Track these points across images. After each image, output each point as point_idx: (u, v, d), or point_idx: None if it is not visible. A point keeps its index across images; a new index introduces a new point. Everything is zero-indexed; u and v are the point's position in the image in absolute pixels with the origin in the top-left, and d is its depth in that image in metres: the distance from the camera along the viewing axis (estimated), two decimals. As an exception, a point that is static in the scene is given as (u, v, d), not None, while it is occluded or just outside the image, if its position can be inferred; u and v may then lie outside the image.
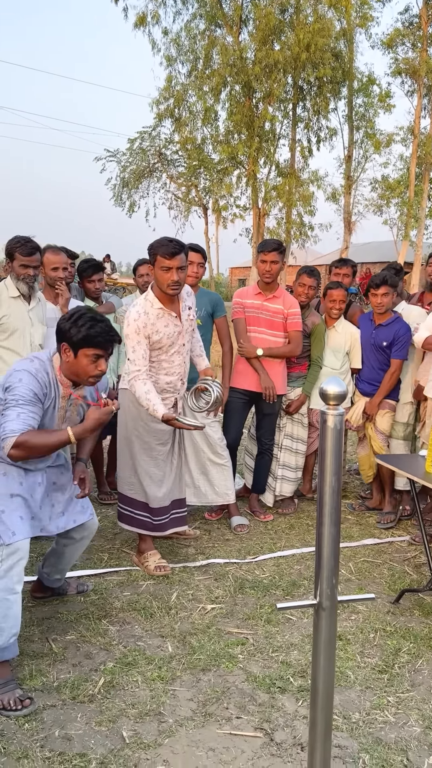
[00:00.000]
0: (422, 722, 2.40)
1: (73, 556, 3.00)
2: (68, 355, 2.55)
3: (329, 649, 1.96)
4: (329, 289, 4.60)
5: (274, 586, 3.45)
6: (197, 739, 2.26)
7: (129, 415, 3.49)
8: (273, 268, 4.22)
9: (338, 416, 1.87)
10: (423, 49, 22.53)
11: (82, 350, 2.52)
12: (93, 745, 2.21)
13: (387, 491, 4.50)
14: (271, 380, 4.24)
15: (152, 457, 3.53)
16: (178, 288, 3.30)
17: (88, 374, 2.57)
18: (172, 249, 3.21)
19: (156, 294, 3.36)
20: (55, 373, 2.61)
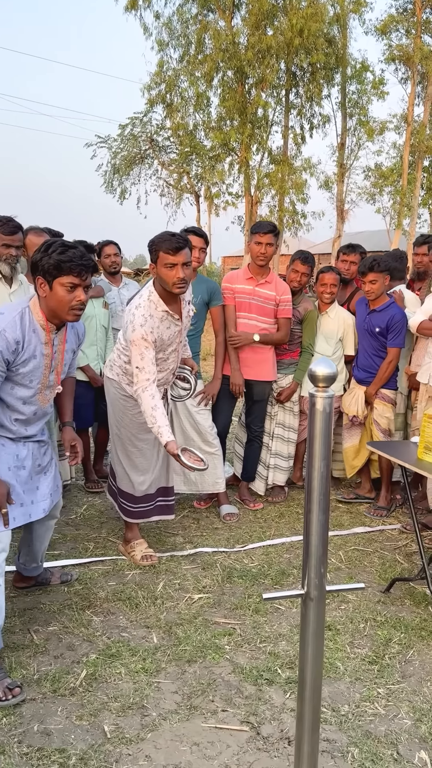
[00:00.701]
0: (413, 714, 2.34)
1: (44, 539, 2.92)
2: (44, 290, 2.42)
3: (317, 641, 1.89)
4: (321, 273, 4.50)
5: (262, 575, 3.38)
6: (181, 733, 2.19)
7: (115, 407, 3.40)
8: (268, 251, 4.12)
9: (327, 399, 1.78)
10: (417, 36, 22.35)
11: (56, 280, 2.40)
12: (73, 740, 2.14)
13: (384, 486, 4.41)
14: (241, 377, 4.17)
15: (138, 447, 3.43)
16: (184, 286, 3.08)
17: (66, 306, 2.43)
18: (176, 244, 3.00)
19: (159, 293, 3.14)
20: (35, 319, 2.47)
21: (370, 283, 4.12)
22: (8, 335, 2.37)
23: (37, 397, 2.58)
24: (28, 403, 2.56)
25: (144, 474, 3.47)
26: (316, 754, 1.96)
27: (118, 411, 3.39)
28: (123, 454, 3.44)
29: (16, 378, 2.47)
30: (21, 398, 2.53)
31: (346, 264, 4.69)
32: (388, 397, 4.26)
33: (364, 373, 4.33)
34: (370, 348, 4.28)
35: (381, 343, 4.20)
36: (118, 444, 3.45)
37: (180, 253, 3.02)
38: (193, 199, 24.73)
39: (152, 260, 3.11)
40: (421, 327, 3.82)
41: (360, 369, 4.38)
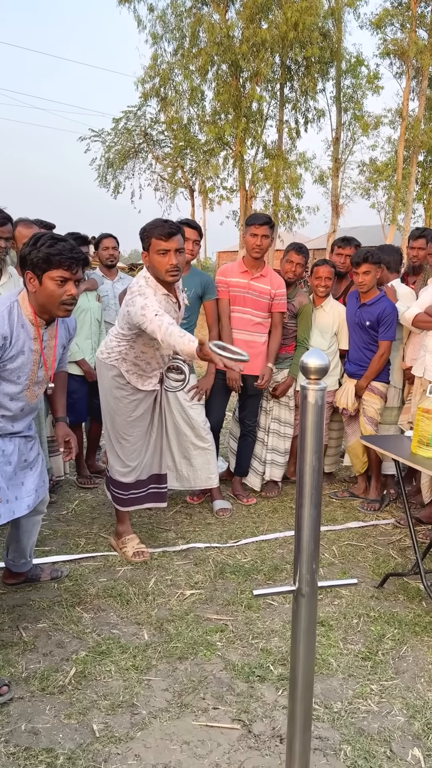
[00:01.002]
0: (406, 711, 2.31)
1: (32, 534, 2.88)
2: (33, 285, 2.35)
3: (309, 637, 1.85)
4: (315, 266, 4.46)
5: (255, 570, 3.34)
6: (171, 731, 2.15)
7: (110, 394, 3.34)
8: (263, 243, 4.07)
9: (319, 391, 1.74)
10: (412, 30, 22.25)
11: (46, 274, 2.33)
12: (61, 740, 2.10)
13: (374, 478, 4.38)
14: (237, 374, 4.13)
15: (130, 434, 3.39)
16: (177, 273, 3.03)
17: (57, 301, 2.36)
18: (168, 230, 2.95)
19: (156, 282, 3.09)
20: (24, 314, 2.41)
21: (363, 275, 4.07)
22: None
23: (25, 393, 2.53)
24: (16, 399, 2.51)
25: (134, 461, 3.44)
26: (308, 753, 1.93)
27: (112, 399, 3.33)
28: (115, 442, 3.40)
29: (4, 374, 2.43)
30: (8, 394, 2.48)
31: (341, 257, 4.65)
32: (378, 389, 4.23)
33: (356, 367, 4.29)
34: (360, 341, 4.24)
35: (371, 337, 4.16)
36: (111, 432, 3.40)
37: (173, 239, 2.96)
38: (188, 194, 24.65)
39: (144, 248, 3.06)
40: (416, 320, 3.79)
41: (351, 362, 4.34)
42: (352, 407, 4.30)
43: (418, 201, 25.65)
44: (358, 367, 4.28)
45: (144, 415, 3.41)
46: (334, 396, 4.47)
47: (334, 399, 4.46)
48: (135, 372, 3.29)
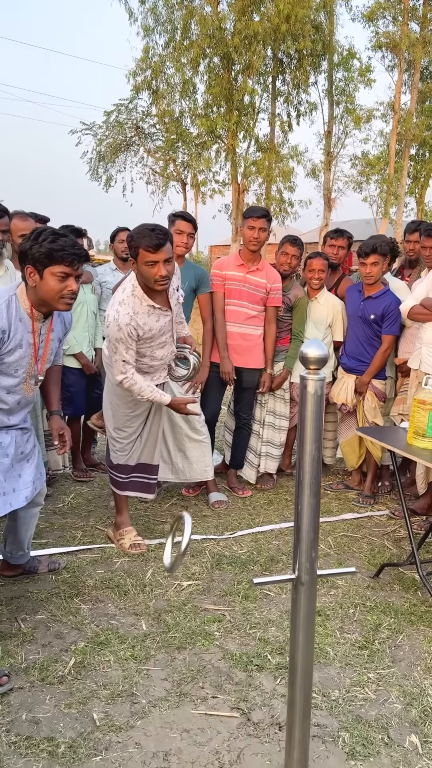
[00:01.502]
0: (403, 699, 2.34)
1: (29, 526, 2.89)
2: (34, 279, 2.35)
3: (308, 625, 1.87)
4: (309, 259, 4.46)
5: (252, 561, 3.36)
6: (171, 720, 2.17)
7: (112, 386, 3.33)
8: (261, 236, 4.08)
9: (319, 381, 1.76)
10: (404, 23, 22.25)
11: (47, 270, 2.33)
12: (62, 729, 2.11)
13: (370, 474, 4.40)
14: (231, 364, 4.17)
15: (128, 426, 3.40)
16: (166, 283, 3.00)
17: (57, 296, 2.38)
18: (156, 241, 2.85)
19: (143, 288, 3.04)
20: (22, 307, 2.42)
21: (371, 266, 4.04)
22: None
23: (22, 386, 2.54)
24: (12, 392, 2.52)
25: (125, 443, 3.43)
26: (307, 740, 1.95)
27: (115, 396, 3.34)
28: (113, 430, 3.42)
29: (2, 367, 2.42)
30: (5, 387, 2.48)
31: (334, 249, 4.66)
32: (378, 390, 4.22)
33: (354, 362, 4.27)
34: (362, 335, 4.21)
35: (374, 331, 4.15)
36: (110, 421, 3.41)
37: (161, 250, 2.88)
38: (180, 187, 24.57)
39: (132, 256, 2.98)
40: (412, 312, 3.80)
41: (349, 357, 4.31)
42: (351, 403, 4.31)
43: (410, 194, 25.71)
44: (358, 362, 4.25)
45: (146, 408, 3.42)
46: (329, 389, 4.47)
47: (329, 392, 4.46)
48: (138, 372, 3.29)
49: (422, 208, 25.86)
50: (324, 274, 4.42)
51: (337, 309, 4.47)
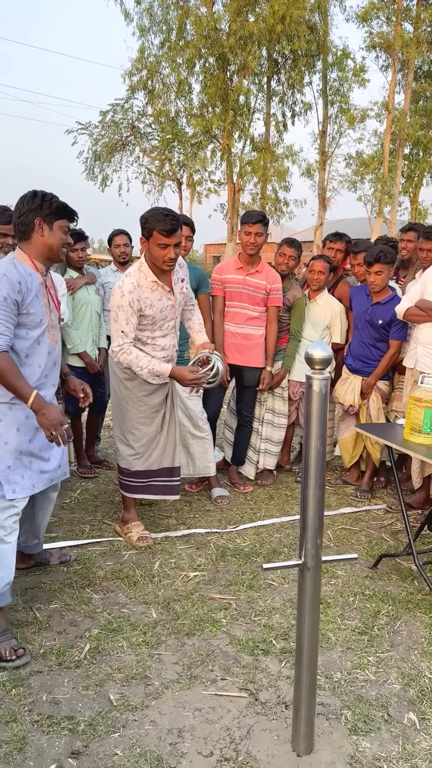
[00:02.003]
0: (401, 680, 2.48)
1: (47, 512, 3.01)
2: (43, 230, 2.60)
3: (314, 609, 2.00)
4: (312, 260, 4.61)
5: (254, 553, 3.49)
6: (183, 700, 2.30)
7: (119, 383, 3.48)
8: (257, 240, 4.20)
9: (323, 380, 1.89)
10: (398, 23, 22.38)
11: (57, 222, 2.63)
12: (81, 708, 2.24)
13: (368, 470, 4.53)
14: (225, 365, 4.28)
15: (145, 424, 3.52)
16: (173, 264, 3.25)
17: (62, 244, 2.69)
18: (170, 225, 3.11)
19: (149, 266, 3.28)
20: (25, 263, 2.61)
21: (375, 274, 4.16)
22: (11, 276, 2.49)
23: (47, 335, 2.68)
24: (41, 342, 2.64)
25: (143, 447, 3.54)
26: (313, 717, 2.09)
27: (124, 390, 3.47)
28: (127, 432, 3.53)
29: (28, 319, 2.57)
30: (35, 339, 2.61)
31: (332, 251, 4.79)
32: (382, 391, 4.35)
33: (360, 363, 4.37)
34: (368, 338, 4.32)
35: (381, 335, 4.25)
36: (122, 425, 3.53)
37: (174, 234, 3.13)
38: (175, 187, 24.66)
39: (144, 236, 3.20)
40: (408, 314, 3.93)
41: (354, 358, 4.42)
42: (358, 404, 4.40)
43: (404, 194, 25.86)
44: (363, 364, 4.36)
45: (157, 410, 3.53)
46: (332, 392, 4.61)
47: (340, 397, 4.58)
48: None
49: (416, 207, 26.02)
50: (323, 275, 4.55)
51: (336, 311, 4.60)
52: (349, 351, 4.50)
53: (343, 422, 4.60)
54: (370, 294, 4.31)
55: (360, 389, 4.38)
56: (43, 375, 2.67)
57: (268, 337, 4.36)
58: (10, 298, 2.47)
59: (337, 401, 4.52)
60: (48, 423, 2.48)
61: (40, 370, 2.65)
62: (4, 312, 2.45)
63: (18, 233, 2.63)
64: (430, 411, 3.03)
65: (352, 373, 4.45)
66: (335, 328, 4.63)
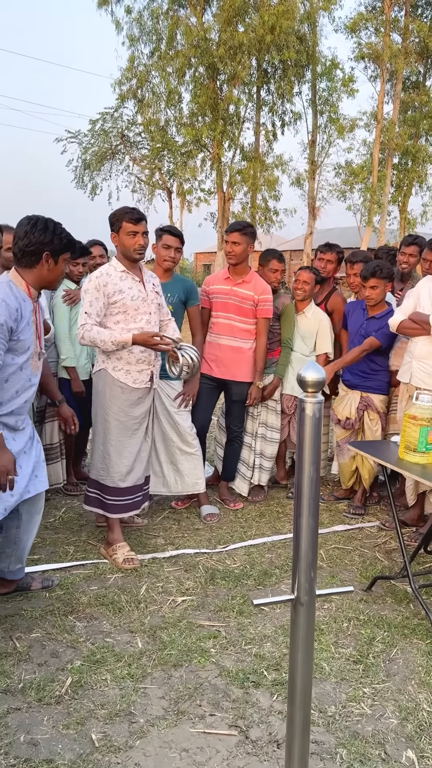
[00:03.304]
0: (399, 713, 2.36)
1: (31, 532, 2.91)
2: (49, 263, 2.64)
3: (308, 646, 1.89)
4: (299, 271, 4.53)
5: (245, 575, 3.38)
6: (170, 739, 2.18)
7: (105, 398, 3.41)
8: (235, 249, 4.12)
9: (317, 404, 1.78)
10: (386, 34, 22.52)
11: (62, 256, 2.69)
12: (60, 750, 2.11)
13: (362, 488, 4.42)
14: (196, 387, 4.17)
15: (130, 436, 3.46)
16: (143, 252, 3.41)
17: (61, 275, 2.77)
18: (137, 215, 3.36)
19: (119, 260, 3.43)
20: (20, 289, 2.60)
21: (371, 289, 4.09)
22: (9, 303, 2.49)
23: (30, 362, 2.67)
24: (24, 368, 2.65)
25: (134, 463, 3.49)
26: (307, 757, 1.96)
27: (107, 401, 3.40)
28: (113, 447, 3.43)
29: (17, 345, 2.57)
30: (18, 365, 2.61)
31: (323, 262, 4.71)
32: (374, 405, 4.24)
33: (358, 378, 4.28)
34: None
35: (377, 349, 4.17)
36: (105, 438, 3.43)
37: (140, 223, 3.36)
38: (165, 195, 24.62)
39: (114, 230, 3.39)
40: (401, 327, 3.84)
41: (351, 373, 4.32)
42: (354, 416, 4.32)
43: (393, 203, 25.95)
44: (361, 378, 4.27)
45: (140, 422, 3.48)
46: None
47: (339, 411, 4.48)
48: (121, 368, 3.37)
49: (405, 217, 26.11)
50: (308, 286, 4.46)
51: (324, 324, 4.51)
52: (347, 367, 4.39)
53: (338, 449, 4.48)
54: (366, 308, 4.23)
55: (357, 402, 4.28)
56: (19, 401, 2.64)
57: (257, 350, 4.26)
58: (6, 325, 2.47)
59: (335, 419, 4.42)
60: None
61: (17, 397, 2.62)
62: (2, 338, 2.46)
63: (21, 259, 2.63)
64: (426, 429, 2.94)
65: (350, 389, 4.35)
66: (324, 339, 4.53)
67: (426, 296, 3.78)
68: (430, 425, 2.93)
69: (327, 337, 4.53)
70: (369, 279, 4.06)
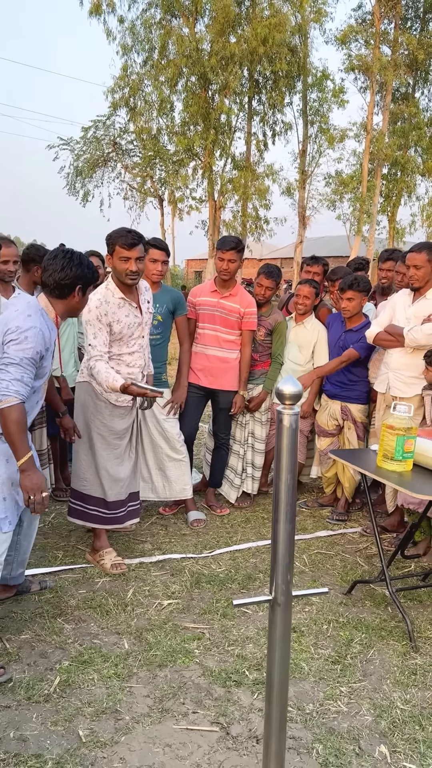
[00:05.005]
0: (373, 711, 2.47)
1: (31, 540, 3.00)
2: (78, 295, 2.77)
3: (284, 644, 1.99)
4: (299, 285, 4.67)
5: (230, 580, 3.48)
6: (154, 735, 2.27)
7: (88, 410, 3.47)
8: (230, 267, 4.23)
9: (294, 415, 1.90)
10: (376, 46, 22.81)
11: (88, 288, 2.81)
12: (49, 746, 2.20)
13: (345, 497, 4.53)
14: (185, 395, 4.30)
15: (111, 452, 3.51)
16: (136, 278, 3.37)
17: (83, 306, 2.89)
18: (131, 240, 3.29)
19: (116, 283, 3.40)
20: (49, 317, 2.70)
21: (347, 300, 4.22)
22: (44, 332, 2.58)
23: (43, 385, 2.78)
24: (37, 391, 2.73)
25: (116, 479, 3.54)
26: (284, 752, 2.07)
27: (90, 415, 3.46)
28: (96, 461, 3.50)
29: (40, 372, 2.64)
30: (35, 388, 2.68)
31: (310, 275, 4.84)
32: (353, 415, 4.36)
33: (337, 387, 4.42)
34: None
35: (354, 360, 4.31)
36: (88, 451, 3.50)
37: (134, 248, 3.29)
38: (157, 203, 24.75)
39: (109, 252, 3.37)
40: (377, 338, 3.97)
41: (331, 384, 4.46)
42: (333, 426, 4.45)
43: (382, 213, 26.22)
44: (339, 388, 4.41)
45: (120, 437, 3.53)
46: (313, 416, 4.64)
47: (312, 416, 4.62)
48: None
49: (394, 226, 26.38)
50: (309, 300, 4.59)
51: (322, 336, 4.61)
52: (327, 377, 4.53)
53: (323, 457, 4.60)
54: (344, 320, 4.35)
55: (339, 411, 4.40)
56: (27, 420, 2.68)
57: (242, 361, 4.37)
58: (39, 354, 2.55)
59: (319, 430, 4.55)
60: (30, 486, 2.50)
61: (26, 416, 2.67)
62: (31, 364, 2.51)
63: (54, 290, 2.73)
64: (402, 438, 3.05)
65: (330, 398, 4.48)
66: (321, 351, 4.63)
67: (400, 309, 3.91)
68: (406, 434, 3.05)
69: (325, 349, 4.61)
70: (346, 291, 4.20)
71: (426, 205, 26.61)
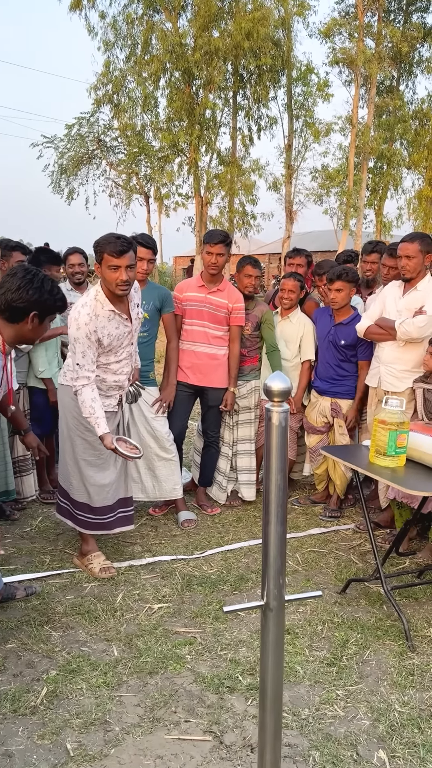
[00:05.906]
0: (371, 715, 2.40)
1: None
2: (33, 323, 2.53)
3: (277, 650, 1.92)
4: (283, 279, 4.57)
5: (221, 581, 3.40)
6: (144, 746, 2.20)
7: (70, 413, 3.36)
8: (219, 261, 4.14)
9: (283, 413, 1.82)
10: (359, 39, 22.79)
11: (48, 317, 2.59)
12: (35, 761, 2.12)
13: (336, 493, 4.47)
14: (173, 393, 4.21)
15: (95, 456, 3.41)
16: (127, 288, 3.13)
17: (42, 334, 2.67)
18: (120, 247, 3.03)
19: (105, 293, 3.17)
20: None
21: (336, 291, 4.13)
22: None
23: None
24: None
25: (101, 484, 3.45)
26: (279, 761, 1.99)
27: (72, 419, 3.36)
28: (79, 465, 3.41)
29: None
30: None
31: (293, 267, 4.77)
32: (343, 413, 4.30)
33: (326, 384, 4.33)
34: (332, 359, 4.28)
35: (345, 355, 4.22)
36: (72, 455, 3.41)
37: (124, 256, 3.05)
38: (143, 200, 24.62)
39: (97, 261, 3.15)
40: (368, 332, 3.90)
41: (321, 380, 4.38)
42: (323, 423, 4.38)
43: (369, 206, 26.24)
44: (330, 384, 4.32)
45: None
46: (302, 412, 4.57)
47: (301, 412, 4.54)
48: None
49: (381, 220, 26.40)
50: (294, 294, 4.50)
51: (308, 329, 4.53)
52: (316, 373, 4.46)
53: (312, 454, 4.53)
54: (333, 314, 4.28)
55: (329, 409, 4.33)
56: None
57: (231, 357, 4.29)
58: None
59: (308, 426, 4.47)
60: None
61: None
62: None
63: (4, 310, 2.48)
64: (395, 433, 2.99)
65: (320, 395, 4.40)
66: (308, 345, 4.56)
67: (391, 302, 3.84)
68: (398, 429, 2.98)
69: (311, 343, 4.53)
70: (335, 282, 4.12)
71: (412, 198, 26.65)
